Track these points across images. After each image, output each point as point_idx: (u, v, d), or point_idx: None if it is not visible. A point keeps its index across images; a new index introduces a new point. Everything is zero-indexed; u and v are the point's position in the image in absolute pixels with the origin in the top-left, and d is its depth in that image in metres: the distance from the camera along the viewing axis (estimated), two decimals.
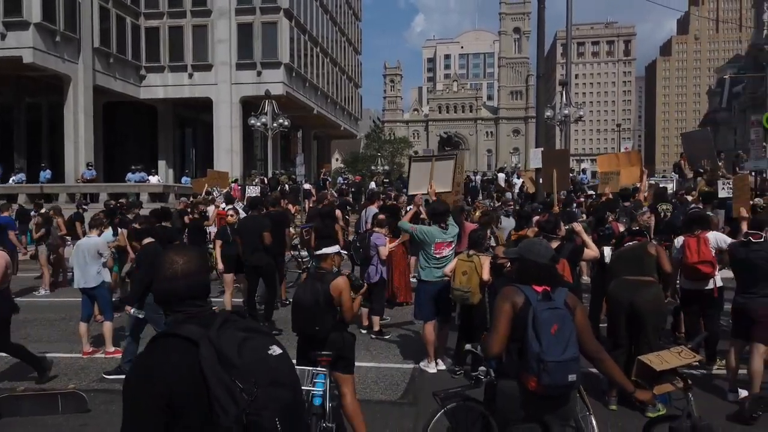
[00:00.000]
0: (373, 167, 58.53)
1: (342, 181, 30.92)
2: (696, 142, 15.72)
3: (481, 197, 21.04)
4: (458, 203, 9.47)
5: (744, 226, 6.32)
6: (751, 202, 9.82)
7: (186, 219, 12.46)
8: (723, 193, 10.67)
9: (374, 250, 7.88)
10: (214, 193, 17.09)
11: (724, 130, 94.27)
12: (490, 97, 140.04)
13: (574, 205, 13.29)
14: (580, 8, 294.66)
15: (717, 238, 6.09)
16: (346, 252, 4.68)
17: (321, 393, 3.93)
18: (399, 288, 9.44)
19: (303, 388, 4.02)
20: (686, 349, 3.38)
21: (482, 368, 3.52)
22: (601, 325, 6.90)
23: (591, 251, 5.76)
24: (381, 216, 8.64)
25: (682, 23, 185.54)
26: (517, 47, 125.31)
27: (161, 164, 33.46)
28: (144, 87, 31.62)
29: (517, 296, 2.96)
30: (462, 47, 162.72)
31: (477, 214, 10.48)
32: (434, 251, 6.24)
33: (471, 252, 6.04)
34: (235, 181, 24.38)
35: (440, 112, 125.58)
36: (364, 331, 8.02)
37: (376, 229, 8.18)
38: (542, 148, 15.51)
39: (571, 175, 21.06)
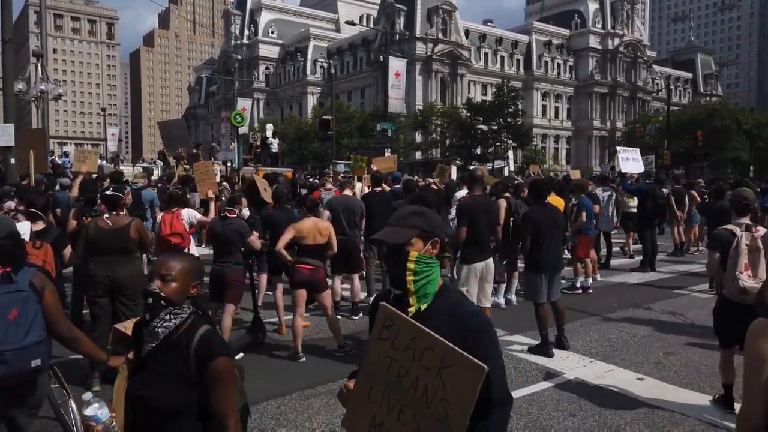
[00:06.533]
0: None
1: None
2: (171, 130, 16.90)
3: None
4: None
5: (212, 205, 7.34)
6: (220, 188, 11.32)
7: None
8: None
9: None
10: None
11: (203, 124, 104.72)
12: None
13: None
14: None
15: (189, 215, 6.93)
16: None
17: None
18: None
19: None
20: None
21: None
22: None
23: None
24: None
25: (164, 18, 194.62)
26: None
27: None
28: None
29: None
30: None
31: None
32: None
33: None
34: None
35: None
36: None
37: None
38: (12, 124, 13.54)
39: (51, 157, 19.30)
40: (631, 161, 13.66)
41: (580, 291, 9.12)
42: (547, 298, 6.20)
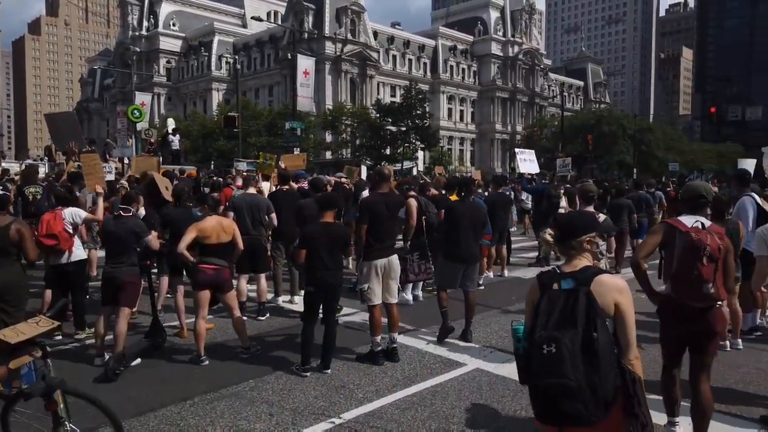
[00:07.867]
0: None
1: None
2: (61, 124, 15.72)
3: None
4: None
5: (100, 201, 6.89)
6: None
7: None
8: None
9: None
10: None
11: (97, 119, 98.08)
12: None
13: None
14: None
15: (73, 214, 6.51)
16: None
17: None
18: None
19: None
20: (44, 318, 3.41)
21: None
22: None
23: None
24: None
25: (52, 5, 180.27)
26: None
27: None
28: None
29: None
30: None
31: None
32: None
33: None
34: None
35: None
36: None
37: None
38: None
39: None
40: (528, 162, 14.44)
41: (483, 287, 9.51)
42: (462, 288, 6.55)
